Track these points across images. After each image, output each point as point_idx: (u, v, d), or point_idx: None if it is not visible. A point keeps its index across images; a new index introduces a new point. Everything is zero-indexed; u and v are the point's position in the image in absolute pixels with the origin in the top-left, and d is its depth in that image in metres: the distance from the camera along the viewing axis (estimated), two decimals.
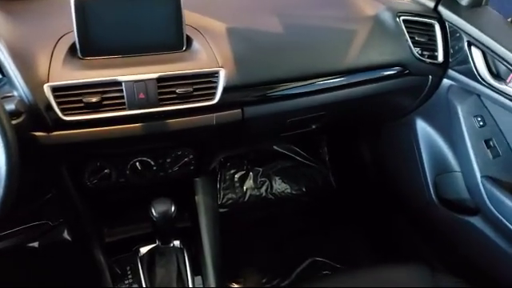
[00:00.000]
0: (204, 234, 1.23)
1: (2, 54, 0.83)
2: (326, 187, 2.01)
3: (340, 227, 1.82)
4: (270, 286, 1.59)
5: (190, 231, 1.27)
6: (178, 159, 1.11)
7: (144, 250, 1.22)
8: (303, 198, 1.98)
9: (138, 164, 1.07)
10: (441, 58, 1.19)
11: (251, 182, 1.95)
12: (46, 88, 0.82)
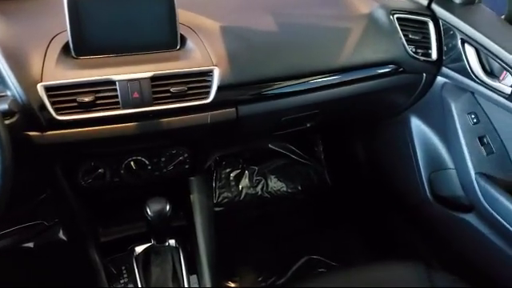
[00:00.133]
0: (199, 233, 1.23)
1: None
2: (322, 185, 2.01)
3: (335, 225, 1.83)
4: (265, 284, 1.59)
5: (185, 230, 1.27)
6: (172, 158, 1.11)
7: (139, 249, 1.22)
8: (299, 196, 1.98)
9: (132, 163, 1.07)
10: (435, 56, 1.20)
11: (247, 180, 1.95)
12: (40, 88, 0.82)
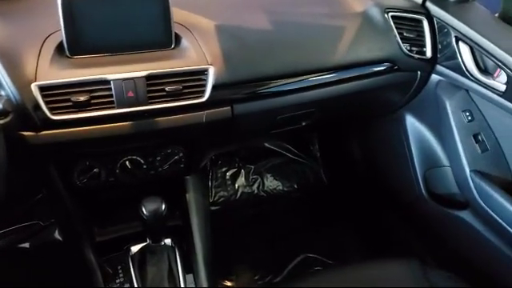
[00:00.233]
0: (195, 232, 1.23)
1: None
2: (318, 184, 2.01)
3: (331, 223, 1.83)
4: (262, 282, 1.59)
5: (181, 229, 1.27)
6: (168, 157, 1.11)
7: (135, 248, 1.21)
8: (295, 194, 1.98)
9: (127, 163, 1.07)
10: (429, 54, 1.20)
11: (243, 179, 1.95)
12: (34, 87, 0.82)
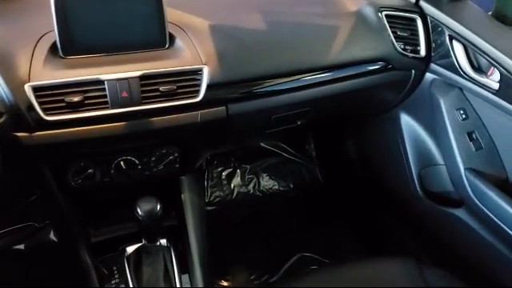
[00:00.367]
0: (191, 233, 1.23)
1: None
2: (314, 183, 2.02)
3: (327, 222, 1.83)
4: (258, 282, 1.59)
5: (176, 230, 1.27)
6: (162, 157, 1.11)
7: (130, 249, 1.21)
8: (291, 194, 1.98)
9: (122, 163, 1.07)
10: (423, 53, 1.20)
11: (239, 179, 1.95)
12: (27, 88, 0.81)
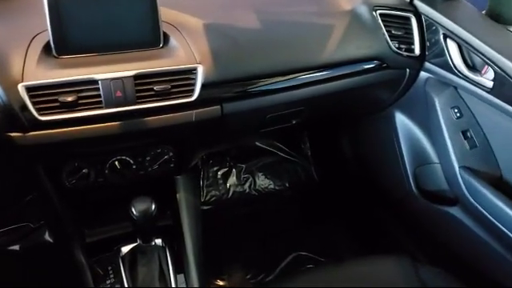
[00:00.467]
0: (186, 232, 1.22)
1: None
2: (309, 182, 2.02)
3: (323, 221, 1.83)
4: (254, 281, 1.59)
5: (171, 229, 1.27)
6: (157, 157, 1.11)
7: (125, 249, 1.21)
8: (286, 193, 1.98)
9: (116, 163, 1.07)
10: (417, 51, 1.20)
11: (234, 178, 1.95)
12: (21, 88, 0.81)
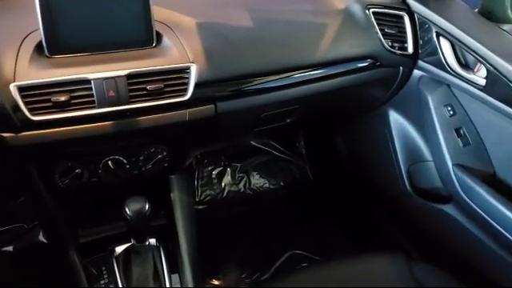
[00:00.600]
0: (180, 232, 1.22)
1: None
2: (304, 180, 2.02)
3: (318, 220, 1.83)
4: (249, 280, 1.59)
5: (166, 229, 1.26)
6: (151, 157, 1.10)
7: (119, 249, 1.20)
8: (281, 192, 1.98)
9: (110, 163, 1.06)
10: (411, 50, 1.21)
11: (229, 177, 1.95)
12: (13, 88, 0.81)
